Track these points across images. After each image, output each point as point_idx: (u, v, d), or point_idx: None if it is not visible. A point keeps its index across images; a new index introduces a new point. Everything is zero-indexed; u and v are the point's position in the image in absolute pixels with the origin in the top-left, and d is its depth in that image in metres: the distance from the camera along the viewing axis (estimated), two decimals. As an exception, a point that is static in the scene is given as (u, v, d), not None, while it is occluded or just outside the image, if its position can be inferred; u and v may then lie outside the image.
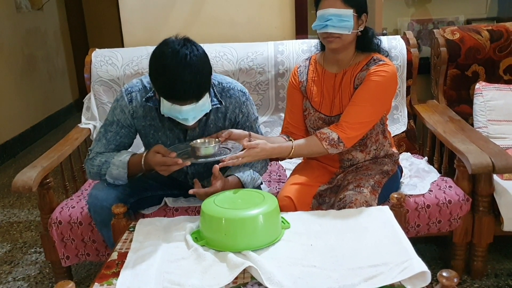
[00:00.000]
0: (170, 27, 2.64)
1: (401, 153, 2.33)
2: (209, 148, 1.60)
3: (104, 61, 2.45)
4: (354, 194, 1.65)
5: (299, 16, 2.70)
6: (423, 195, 1.91)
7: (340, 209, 1.61)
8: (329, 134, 1.70)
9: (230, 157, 1.57)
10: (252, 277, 1.23)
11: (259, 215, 1.36)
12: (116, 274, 1.27)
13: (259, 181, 1.82)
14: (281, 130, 1.99)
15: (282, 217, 1.49)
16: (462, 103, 2.53)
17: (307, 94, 1.87)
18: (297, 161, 2.06)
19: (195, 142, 1.64)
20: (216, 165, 1.60)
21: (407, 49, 2.45)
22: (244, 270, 1.24)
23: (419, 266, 1.18)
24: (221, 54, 2.42)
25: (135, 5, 2.66)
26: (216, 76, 1.79)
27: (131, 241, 1.44)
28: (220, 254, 1.33)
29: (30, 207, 3.11)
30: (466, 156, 1.81)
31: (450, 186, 1.95)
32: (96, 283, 1.24)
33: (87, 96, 2.49)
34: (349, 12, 1.66)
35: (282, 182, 2.12)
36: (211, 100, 1.69)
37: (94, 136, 1.85)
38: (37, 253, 2.50)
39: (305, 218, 1.53)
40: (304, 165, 1.95)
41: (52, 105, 5.09)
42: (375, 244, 1.34)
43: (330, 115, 1.82)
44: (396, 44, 2.45)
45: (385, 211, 1.53)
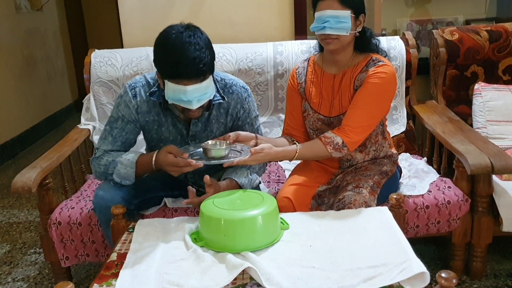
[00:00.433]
0: (170, 28, 2.64)
1: (400, 154, 2.33)
2: (221, 150, 1.59)
3: (104, 62, 2.45)
4: (353, 195, 1.65)
5: (298, 17, 2.70)
6: (422, 196, 1.91)
7: (339, 210, 1.61)
8: (334, 138, 1.70)
9: (238, 161, 1.58)
10: (251, 278, 1.23)
11: (258, 216, 1.36)
12: (116, 275, 1.27)
13: (257, 181, 1.83)
14: (282, 132, 2.00)
15: (281, 218, 1.49)
16: (461, 104, 2.54)
17: (306, 95, 1.87)
18: (296, 162, 2.06)
19: (206, 144, 1.63)
20: (207, 175, 1.62)
21: (406, 50, 2.45)
22: (243, 271, 1.24)
23: (418, 267, 1.18)
24: (220, 55, 2.42)
25: (135, 6, 2.66)
26: (219, 73, 1.81)
27: (130, 242, 1.44)
28: (219, 255, 1.33)
29: (30, 208, 3.11)
30: (465, 157, 1.81)
31: (449, 187, 1.96)
32: (96, 284, 1.24)
33: (87, 97, 2.49)
34: (347, 13, 1.66)
35: (281, 183, 2.12)
36: (214, 96, 1.71)
37: (99, 135, 1.84)
38: (37, 254, 2.50)
39: (304, 219, 1.53)
40: (303, 166, 1.96)
41: (52, 106, 5.08)
42: (374, 245, 1.34)
43: (329, 116, 1.82)
44: (395, 45, 2.45)
45: (384, 212, 1.53)
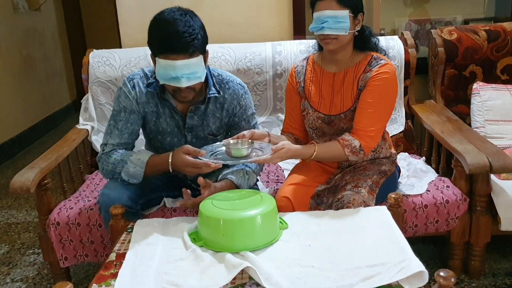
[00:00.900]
0: (168, 28, 2.64)
1: (399, 153, 2.33)
2: (243, 150, 1.58)
3: (102, 62, 2.45)
4: (352, 194, 1.65)
5: (297, 17, 2.70)
6: (421, 195, 1.91)
7: (338, 209, 1.61)
8: (352, 141, 1.70)
9: (264, 159, 1.57)
10: (250, 278, 1.23)
11: (257, 216, 1.36)
12: (115, 275, 1.27)
13: (254, 180, 1.83)
14: (282, 130, 2.00)
15: (280, 218, 1.49)
16: (460, 103, 2.54)
17: (306, 94, 1.87)
18: (295, 162, 2.06)
19: (228, 143, 1.60)
20: (201, 177, 1.62)
21: (405, 49, 2.45)
22: (242, 271, 1.24)
23: (417, 266, 1.19)
24: (219, 55, 2.42)
25: (133, 6, 2.66)
26: (217, 69, 1.84)
27: (129, 242, 1.44)
28: (218, 255, 1.33)
29: (28, 208, 3.10)
30: (464, 156, 1.82)
31: (448, 186, 1.96)
32: (95, 284, 1.24)
33: (85, 97, 2.49)
34: (345, 13, 1.66)
35: (280, 183, 2.12)
36: (209, 89, 1.73)
37: (104, 131, 1.84)
38: (35, 254, 2.50)
39: (303, 219, 1.54)
40: (302, 166, 1.95)
41: (50, 106, 5.08)
42: (373, 244, 1.34)
43: (329, 114, 1.82)
44: (394, 45, 2.46)
45: (383, 211, 1.53)
